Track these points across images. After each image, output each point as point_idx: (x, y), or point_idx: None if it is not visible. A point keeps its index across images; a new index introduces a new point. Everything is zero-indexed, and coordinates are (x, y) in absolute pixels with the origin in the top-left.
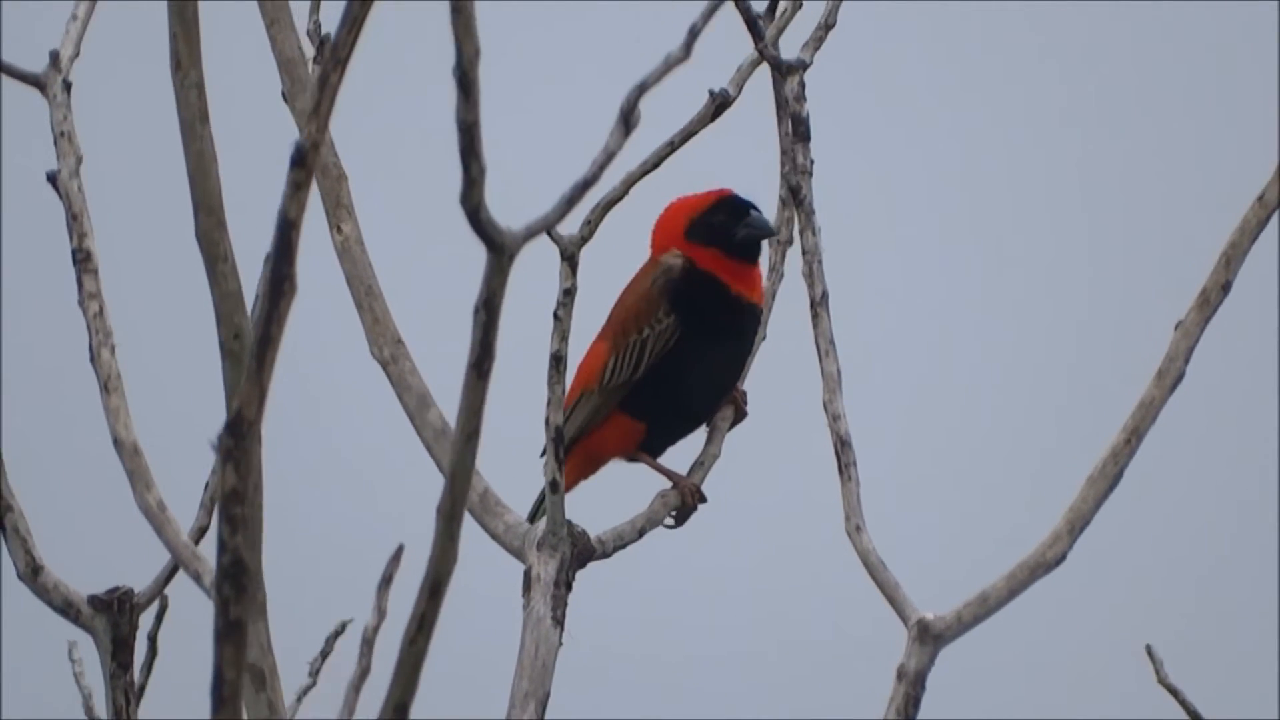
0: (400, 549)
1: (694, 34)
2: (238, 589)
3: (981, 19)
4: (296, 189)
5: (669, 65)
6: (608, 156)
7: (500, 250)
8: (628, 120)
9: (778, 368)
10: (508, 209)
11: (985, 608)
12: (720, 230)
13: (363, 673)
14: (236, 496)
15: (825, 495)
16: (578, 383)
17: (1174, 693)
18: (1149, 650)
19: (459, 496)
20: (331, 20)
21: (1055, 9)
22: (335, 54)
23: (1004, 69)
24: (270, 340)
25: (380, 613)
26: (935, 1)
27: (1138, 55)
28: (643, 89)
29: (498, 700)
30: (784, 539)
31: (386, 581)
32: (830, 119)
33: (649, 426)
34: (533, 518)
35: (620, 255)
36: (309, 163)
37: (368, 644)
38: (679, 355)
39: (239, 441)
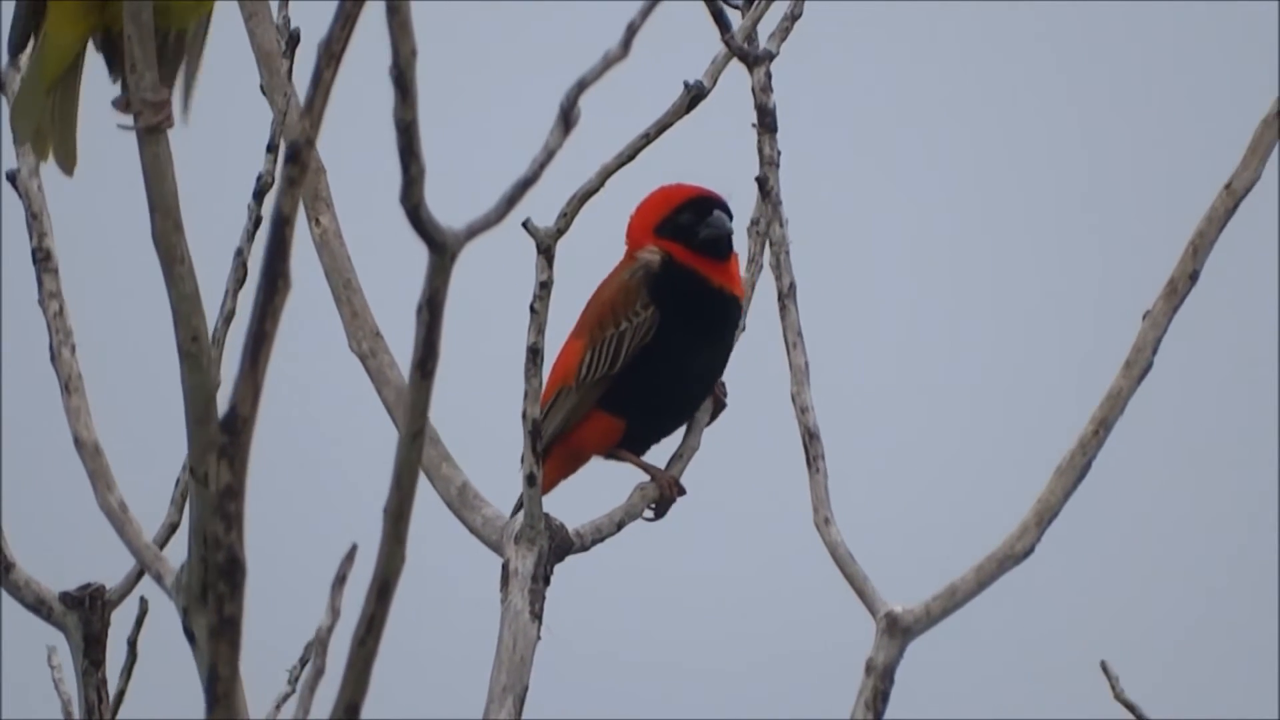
0: (354, 548)
1: (632, 31)
2: (232, 586)
3: (956, 9)
4: (290, 185)
5: (608, 63)
6: (548, 155)
7: (442, 249)
8: (568, 118)
9: (753, 359)
10: (479, 210)
11: (954, 600)
12: (685, 229)
13: (317, 673)
14: (231, 493)
15: (796, 488)
16: (554, 380)
17: (1131, 708)
18: (1104, 666)
19: (406, 496)
20: (299, 15)
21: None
22: (329, 50)
23: (972, 59)
24: (264, 336)
25: (335, 613)
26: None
27: (1104, 45)
28: (582, 86)
29: (476, 695)
30: (756, 531)
31: (340, 581)
32: (803, 110)
33: (629, 423)
34: (516, 512)
35: (597, 248)
36: (303, 159)
37: (321, 644)
38: (657, 349)
39: (234, 438)
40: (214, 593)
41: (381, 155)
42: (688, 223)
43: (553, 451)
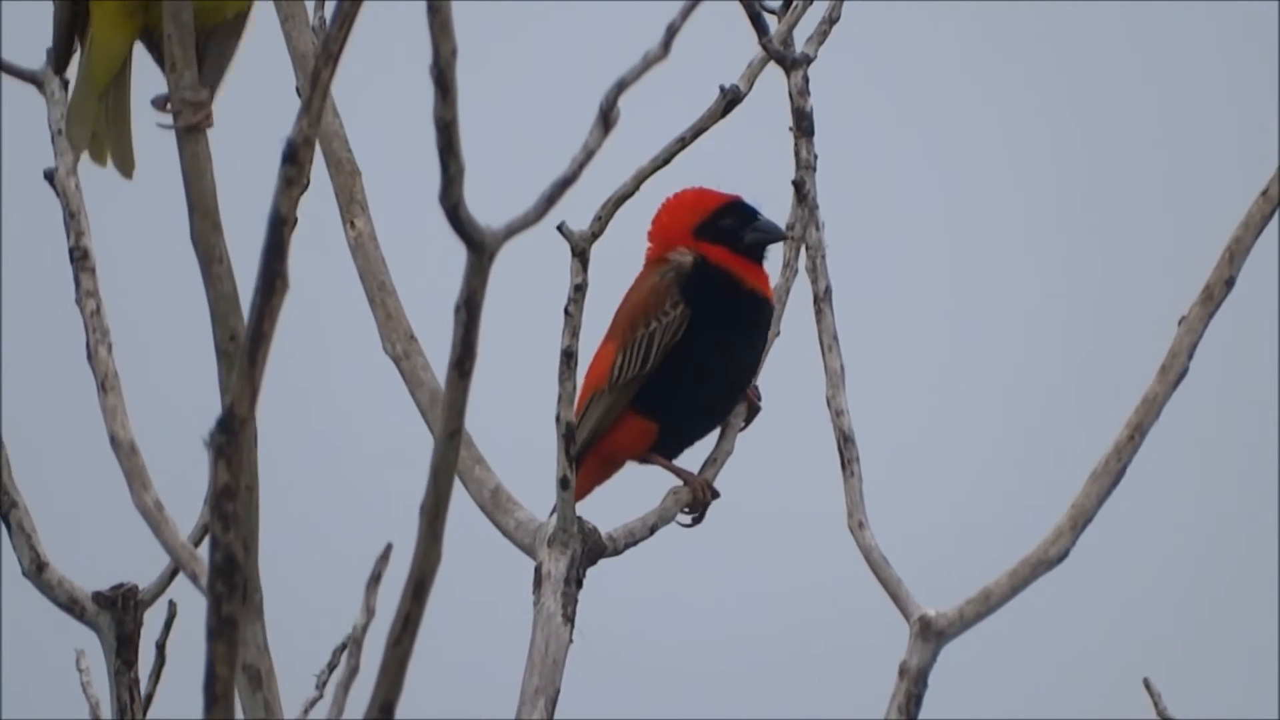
0: (389, 548)
1: (672, 31)
2: (230, 586)
3: (987, 14)
4: (288, 185)
5: (648, 63)
6: (587, 155)
7: (480, 249)
8: (607, 118)
9: (787, 363)
10: (512, 209)
11: (987, 605)
12: (729, 233)
13: (352, 672)
14: (229, 493)
15: (830, 491)
16: (588, 385)
17: None
18: (1147, 684)
19: (442, 495)
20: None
21: (1059, 5)
22: (326, 50)
23: (1009, 64)
24: (262, 337)
25: (369, 612)
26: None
27: (1140, 50)
28: (621, 87)
29: (508, 697)
30: (790, 535)
31: (375, 580)
32: (840, 114)
33: (661, 426)
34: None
35: (631, 251)
36: (300, 158)
37: (356, 643)
38: (688, 349)
39: (231, 438)
40: (212, 592)
41: (417, 158)
42: (730, 227)
43: (587, 457)
